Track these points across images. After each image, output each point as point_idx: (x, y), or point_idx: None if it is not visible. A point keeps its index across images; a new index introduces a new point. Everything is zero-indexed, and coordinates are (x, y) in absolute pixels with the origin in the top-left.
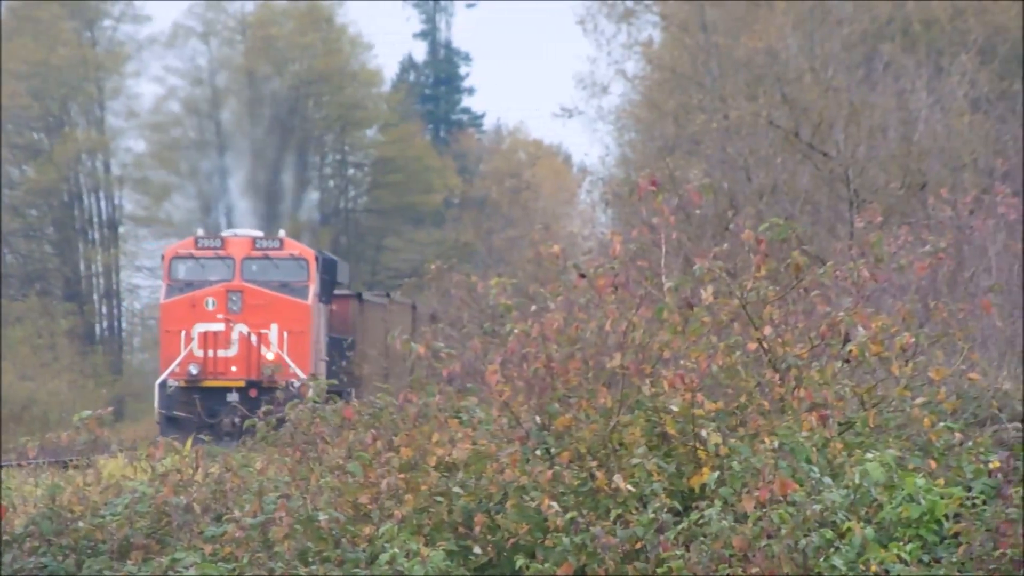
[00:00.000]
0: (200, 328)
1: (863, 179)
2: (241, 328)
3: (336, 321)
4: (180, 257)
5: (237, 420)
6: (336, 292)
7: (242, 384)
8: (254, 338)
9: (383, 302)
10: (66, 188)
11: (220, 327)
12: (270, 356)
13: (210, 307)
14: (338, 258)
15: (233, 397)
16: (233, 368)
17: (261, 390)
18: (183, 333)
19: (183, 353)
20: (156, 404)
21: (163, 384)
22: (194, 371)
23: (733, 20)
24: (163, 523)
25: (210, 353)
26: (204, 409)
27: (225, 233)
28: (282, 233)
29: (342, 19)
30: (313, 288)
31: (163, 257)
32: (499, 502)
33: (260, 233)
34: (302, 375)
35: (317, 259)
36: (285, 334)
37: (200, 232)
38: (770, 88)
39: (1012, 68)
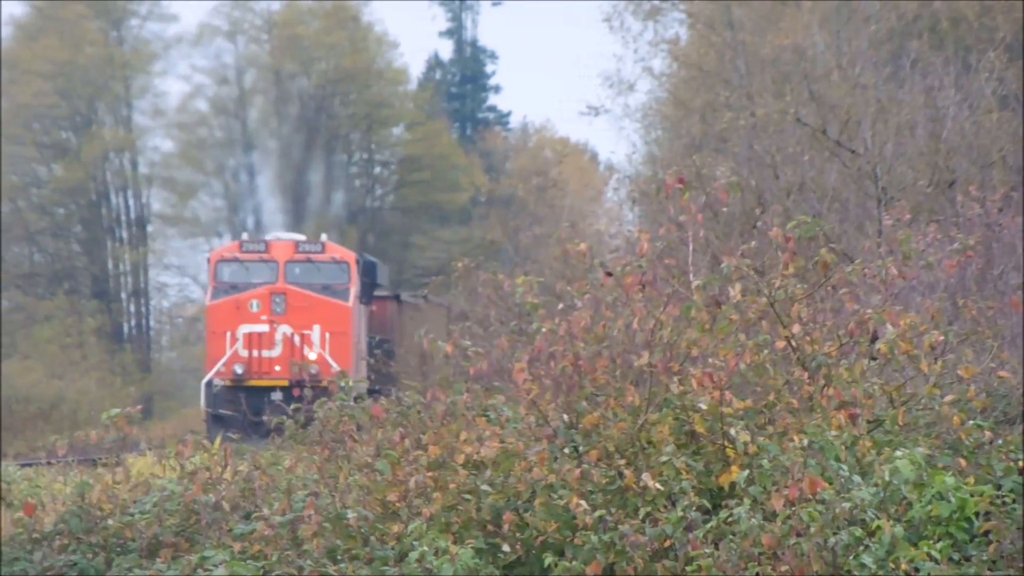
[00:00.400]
0: (245, 329)
1: (891, 176)
2: (285, 329)
3: (375, 322)
4: (225, 260)
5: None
6: (376, 293)
7: (286, 383)
8: (297, 339)
9: (420, 303)
10: (94, 187)
11: (264, 328)
12: (312, 356)
13: (254, 309)
14: (377, 260)
15: (277, 396)
16: (277, 368)
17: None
18: (228, 334)
19: (228, 353)
20: (202, 403)
21: (209, 383)
22: (239, 371)
23: (760, 18)
24: (192, 521)
25: (254, 353)
26: (249, 407)
27: (269, 237)
28: (324, 237)
29: (368, 18)
30: (354, 290)
31: (208, 260)
32: (527, 500)
33: (303, 237)
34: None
35: (358, 262)
36: (327, 335)
37: (245, 236)
38: (797, 85)
39: None
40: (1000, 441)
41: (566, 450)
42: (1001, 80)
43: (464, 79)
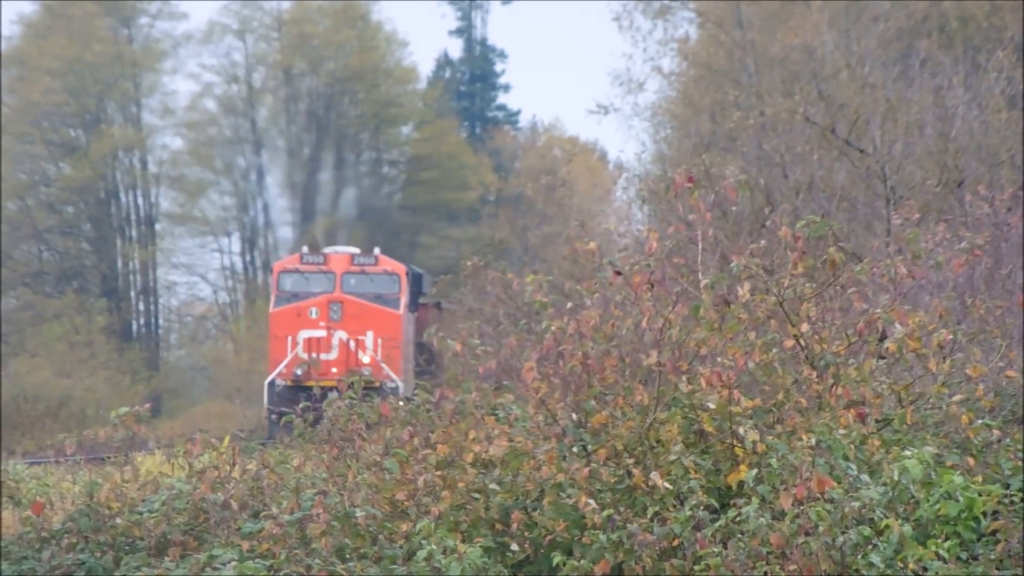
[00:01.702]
0: (304, 334)
1: (900, 176)
2: (341, 334)
3: (420, 327)
4: (287, 271)
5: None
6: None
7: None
8: (352, 343)
9: (458, 308)
10: (103, 185)
11: (322, 333)
12: (366, 359)
13: (313, 316)
14: (423, 271)
15: (333, 396)
16: (333, 370)
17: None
18: (289, 338)
19: (289, 356)
20: (265, 401)
21: (271, 383)
22: (299, 372)
23: (769, 17)
24: (200, 520)
25: (313, 356)
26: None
27: (327, 250)
28: (377, 251)
29: (377, 16)
30: (404, 300)
31: (272, 271)
32: (536, 499)
33: (358, 250)
34: (395, 376)
35: (407, 274)
36: (379, 340)
37: (305, 249)
38: (806, 85)
39: None
40: (1008, 440)
41: (575, 449)
42: (1010, 80)
43: (473, 78)
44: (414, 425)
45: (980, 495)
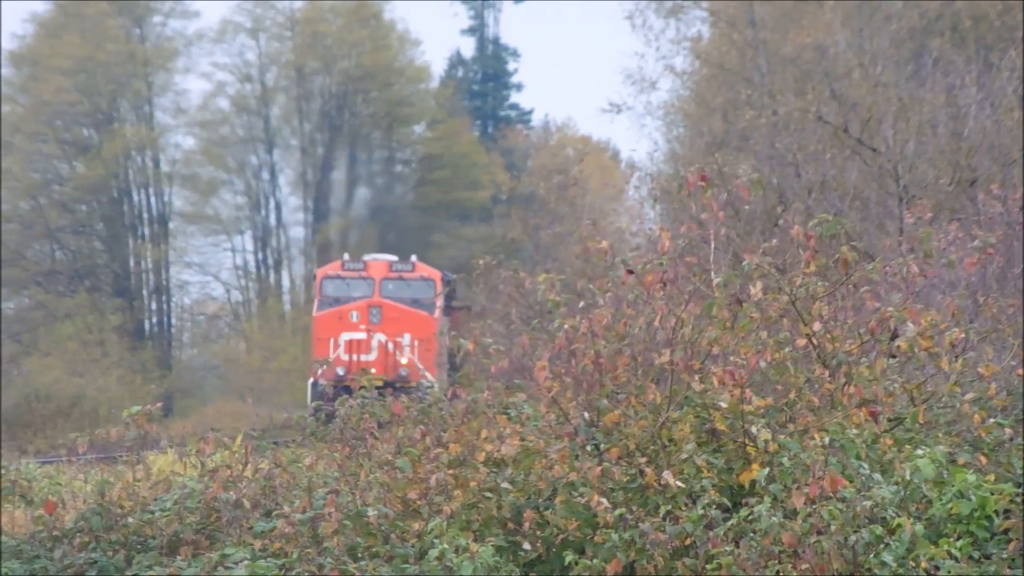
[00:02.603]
0: (346, 336)
1: (912, 175)
2: (380, 337)
3: (453, 330)
4: (329, 277)
5: None
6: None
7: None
8: (391, 345)
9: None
10: (115, 184)
11: (362, 336)
12: (404, 360)
13: (354, 319)
14: (454, 276)
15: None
16: (373, 370)
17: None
18: (332, 340)
19: (332, 357)
20: (308, 400)
21: (315, 383)
22: (340, 372)
23: (781, 16)
24: (212, 519)
25: (354, 357)
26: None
27: (367, 257)
28: (414, 258)
29: (390, 15)
30: (439, 303)
31: (315, 277)
32: (548, 498)
33: (395, 258)
34: (430, 376)
35: (443, 280)
36: (416, 342)
37: (346, 256)
38: (819, 84)
39: None
40: (1020, 439)
41: (587, 448)
42: (1022, 79)
43: (486, 77)
44: (426, 424)
45: (992, 494)
